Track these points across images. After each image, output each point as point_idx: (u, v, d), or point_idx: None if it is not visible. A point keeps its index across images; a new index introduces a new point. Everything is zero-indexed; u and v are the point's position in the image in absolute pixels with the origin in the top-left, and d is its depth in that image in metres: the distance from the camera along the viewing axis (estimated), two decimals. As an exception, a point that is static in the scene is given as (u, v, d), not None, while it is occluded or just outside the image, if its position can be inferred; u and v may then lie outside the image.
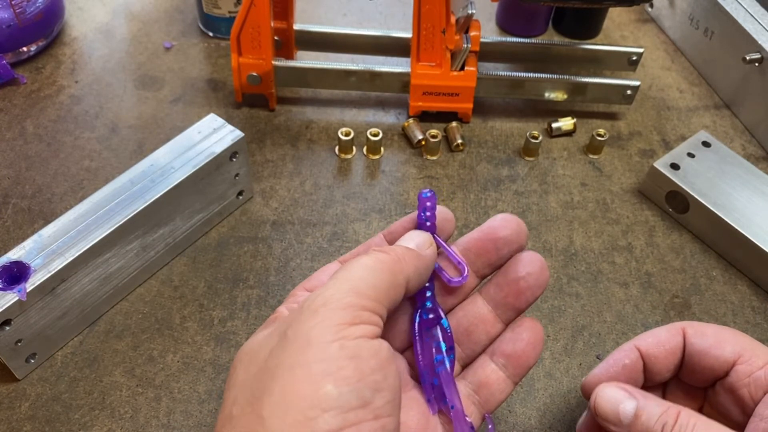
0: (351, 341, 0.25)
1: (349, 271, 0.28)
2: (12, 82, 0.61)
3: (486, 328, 0.34)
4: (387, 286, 0.28)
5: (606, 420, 0.31)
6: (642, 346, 0.35)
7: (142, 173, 0.46)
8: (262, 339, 0.28)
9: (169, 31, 0.67)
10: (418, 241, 0.32)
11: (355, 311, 0.26)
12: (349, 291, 0.27)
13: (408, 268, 0.30)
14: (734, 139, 0.61)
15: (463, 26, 0.55)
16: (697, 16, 0.65)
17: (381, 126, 0.59)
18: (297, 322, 0.26)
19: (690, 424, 0.29)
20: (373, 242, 0.35)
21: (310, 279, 0.34)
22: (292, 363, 0.25)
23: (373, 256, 0.29)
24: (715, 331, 0.34)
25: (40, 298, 0.41)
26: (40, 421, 0.41)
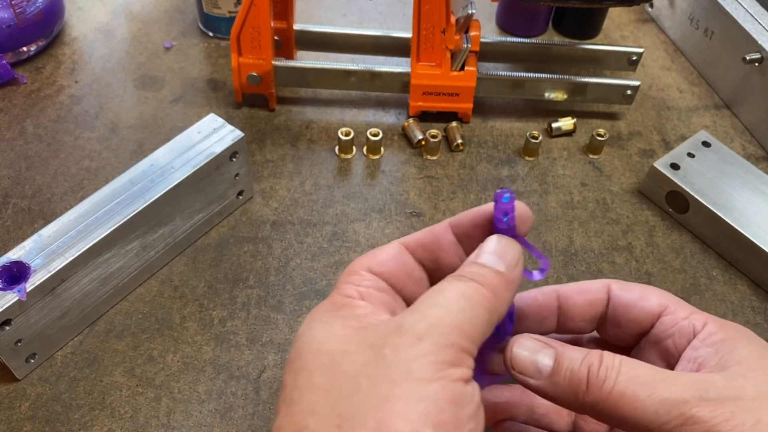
0: (452, 383, 0.25)
1: (448, 299, 0.27)
2: (12, 82, 0.61)
3: None
4: (484, 328, 0.27)
5: (524, 373, 0.29)
6: (561, 290, 0.33)
7: (142, 173, 0.46)
8: (344, 342, 0.26)
9: (169, 31, 0.67)
10: (508, 259, 0.29)
11: (456, 352, 0.25)
12: (454, 327, 0.25)
13: (501, 305, 0.29)
14: (734, 139, 0.61)
15: (463, 26, 0.55)
16: (697, 16, 0.65)
17: (381, 126, 0.59)
18: (397, 344, 0.25)
19: (616, 364, 0.28)
20: (437, 230, 0.32)
21: (374, 257, 0.31)
22: (390, 394, 0.24)
23: (474, 289, 0.27)
24: (640, 286, 0.33)
25: (40, 298, 0.41)
26: (40, 421, 0.41)
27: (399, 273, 0.31)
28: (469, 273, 0.28)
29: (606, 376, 0.27)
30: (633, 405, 0.27)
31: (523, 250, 0.31)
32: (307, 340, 0.27)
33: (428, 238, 0.32)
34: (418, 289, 0.32)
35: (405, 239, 0.32)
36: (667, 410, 0.26)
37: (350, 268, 0.31)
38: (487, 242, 0.30)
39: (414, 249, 0.32)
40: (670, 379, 0.27)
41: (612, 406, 0.27)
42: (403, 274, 0.31)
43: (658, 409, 0.26)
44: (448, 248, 0.32)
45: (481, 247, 0.30)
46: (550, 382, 0.29)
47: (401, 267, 0.31)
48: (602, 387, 0.27)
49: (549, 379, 0.29)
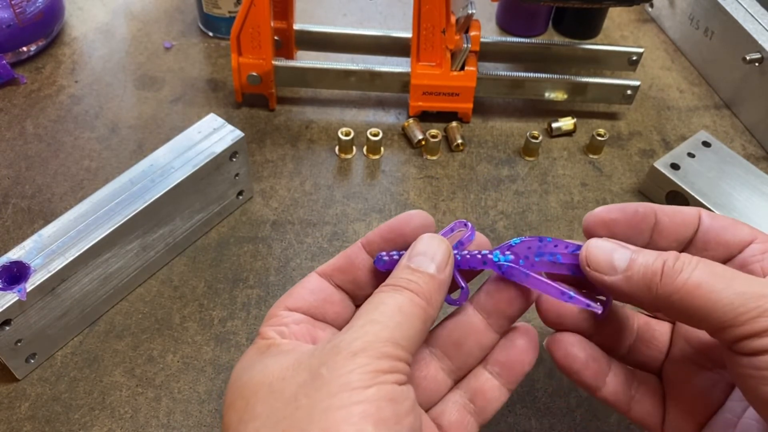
0: (387, 385, 0.26)
1: (384, 315, 0.28)
2: (12, 82, 0.61)
3: (478, 339, 0.33)
4: (418, 336, 0.28)
5: (598, 269, 0.30)
6: (658, 207, 0.33)
7: (142, 173, 0.46)
8: (279, 371, 0.27)
9: (169, 31, 0.67)
10: (438, 260, 0.30)
11: (391, 361, 0.26)
12: (388, 340, 0.27)
13: (435, 310, 0.30)
14: (734, 139, 0.61)
15: (463, 26, 0.55)
16: (698, 16, 0.65)
17: (381, 126, 0.59)
18: (333, 362, 0.26)
19: (693, 260, 0.28)
20: (350, 252, 0.34)
21: (290, 295, 0.33)
22: (330, 404, 0.25)
23: (409, 300, 0.28)
24: (730, 219, 0.33)
25: (40, 298, 0.41)
26: (40, 421, 0.41)
27: (316, 302, 0.33)
28: (404, 282, 0.29)
29: (682, 268, 0.28)
30: (707, 296, 0.27)
31: None
32: (245, 380, 0.28)
33: (342, 262, 0.34)
34: (341, 310, 0.33)
35: (321, 268, 0.34)
36: (743, 302, 0.26)
37: (269, 313, 0.32)
38: (418, 242, 0.31)
39: (331, 274, 0.33)
40: (748, 277, 0.27)
41: (686, 297, 0.27)
42: (321, 302, 0.33)
43: (733, 301, 0.26)
44: (363, 266, 0.33)
45: (412, 248, 0.31)
46: (625, 278, 0.29)
47: (318, 296, 0.33)
48: (677, 278, 0.27)
49: (624, 274, 0.29)
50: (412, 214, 0.33)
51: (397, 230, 0.33)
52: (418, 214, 0.33)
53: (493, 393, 0.33)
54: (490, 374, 0.33)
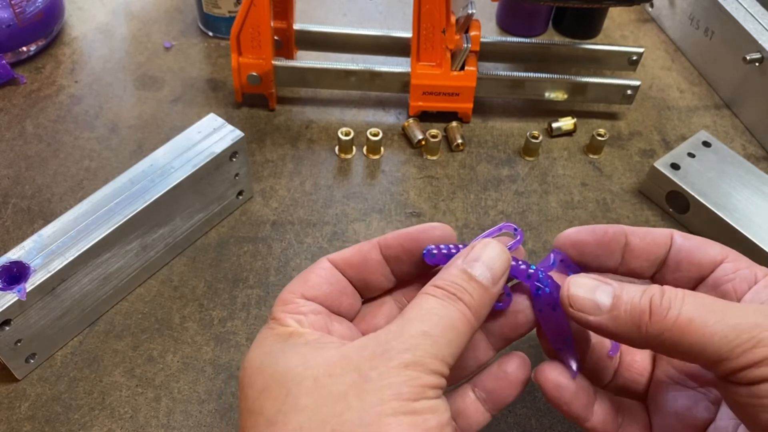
0: (432, 400, 0.27)
1: (437, 328, 0.28)
2: (12, 81, 0.61)
3: (476, 355, 0.34)
4: (462, 351, 0.28)
5: (582, 310, 0.29)
6: (628, 228, 0.33)
7: (142, 173, 0.46)
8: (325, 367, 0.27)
9: (168, 31, 0.67)
10: (495, 271, 0.30)
11: (436, 378, 0.27)
12: (436, 357, 0.27)
13: (480, 324, 0.30)
14: (734, 139, 0.61)
15: (463, 26, 0.55)
16: (698, 16, 0.65)
17: (381, 126, 0.59)
18: (385, 368, 0.26)
19: (679, 295, 0.27)
20: (365, 249, 0.33)
21: (306, 282, 0.32)
22: (382, 411, 0.25)
23: (461, 315, 0.28)
24: (701, 238, 0.33)
25: (39, 298, 0.40)
26: (39, 421, 0.41)
27: (332, 293, 0.32)
28: (457, 289, 0.29)
29: (670, 305, 0.27)
30: (700, 331, 0.26)
31: None
32: (280, 369, 0.28)
33: (356, 258, 0.33)
34: (354, 302, 0.33)
35: (334, 256, 0.33)
36: (738, 334, 0.26)
37: (284, 297, 0.31)
38: (478, 246, 0.31)
39: (343, 267, 0.33)
40: (737, 307, 0.27)
41: (678, 335, 0.26)
42: (336, 294, 0.32)
43: (727, 334, 0.26)
44: (375, 269, 0.33)
45: (470, 249, 0.31)
46: (611, 317, 0.28)
47: (334, 287, 0.32)
48: (667, 315, 0.27)
49: (609, 313, 0.28)
50: (435, 227, 0.33)
51: (418, 241, 0.33)
52: (440, 227, 0.33)
53: (477, 417, 0.33)
54: (476, 397, 0.33)
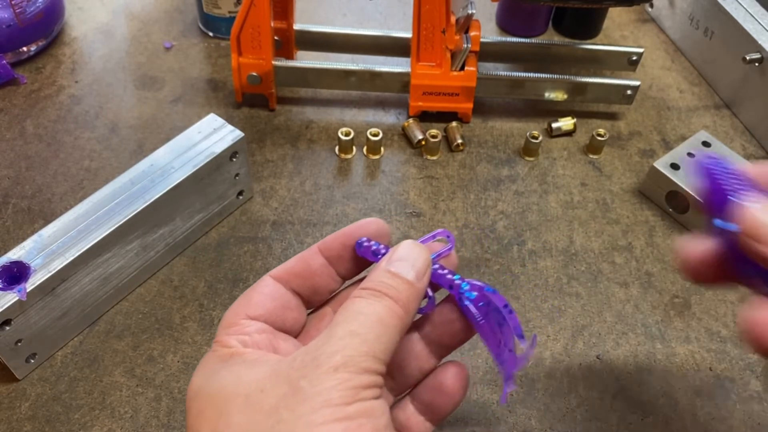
0: (367, 402, 0.26)
1: (364, 326, 0.27)
2: (12, 82, 0.61)
3: (419, 364, 0.34)
4: (395, 347, 0.28)
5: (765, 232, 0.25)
6: None
7: (142, 173, 0.46)
8: (256, 382, 0.27)
9: (169, 31, 0.67)
10: (419, 267, 0.30)
11: (370, 376, 0.27)
12: (368, 354, 0.27)
13: (411, 318, 0.30)
14: (734, 139, 0.61)
15: (463, 26, 0.55)
16: (697, 16, 0.65)
17: (381, 126, 0.59)
18: (314, 376, 0.26)
19: None
20: (307, 256, 0.33)
21: (249, 301, 0.32)
22: (312, 420, 0.25)
23: (388, 310, 0.28)
24: None
25: (40, 298, 0.41)
26: (40, 421, 0.41)
27: (276, 310, 0.32)
28: (383, 286, 0.29)
29: None
30: None
31: None
32: (215, 389, 0.28)
33: (300, 266, 0.33)
34: (298, 316, 0.33)
35: (276, 271, 0.33)
36: None
37: (228, 319, 0.31)
38: (399, 247, 0.31)
39: (287, 279, 0.33)
40: None
41: None
42: (280, 309, 0.32)
43: None
44: (321, 272, 0.33)
45: (392, 252, 0.31)
46: None
47: (278, 303, 0.32)
48: None
49: None
50: (370, 221, 0.33)
51: (356, 236, 0.33)
52: (374, 222, 0.33)
53: (419, 428, 0.33)
54: (416, 409, 0.33)
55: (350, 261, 0.34)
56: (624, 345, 0.46)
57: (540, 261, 0.51)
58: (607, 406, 0.43)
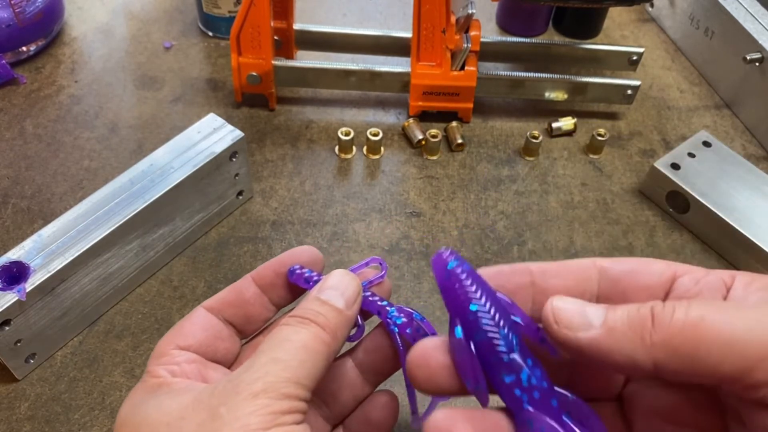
0: (287, 427, 0.26)
1: (288, 353, 0.27)
2: (12, 81, 0.61)
3: (353, 392, 0.34)
4: (321, 373, 0.28)
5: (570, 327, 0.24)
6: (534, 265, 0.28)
7: (142, 173, 0.46)
8: (177, 410, 0.27)
9: (168, 31, 0.67)
10: (348, 295, 0.30)
11: (291, 402, 0.26)
12: (289, 380, 0.26)
13: (338, 346, 0.29)
14: (735, 139, 0.61)
15: (463, 26, 0.55)
16: (698, 16, 0.65)
17: (381, 126, 0.59)
18: (233, 403, 0.26)
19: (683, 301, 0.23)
20: (240, 286, 0.34)
21: (179, 332, 0.32)
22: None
23: (314, 336, 0.28)
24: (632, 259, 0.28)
25: (39, 298, 0.40)
26: (39, 422, 0.41)
27: (207, 339, 0.32)
28: (311, 313, 0.29)
29: (674, 308, 0.23)
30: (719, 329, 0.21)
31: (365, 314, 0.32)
32: (139, 419, 0.28)
33: (231, 296, 0.33)
34: (230, 346, 0.33)
35: (209, 302, 0.33)
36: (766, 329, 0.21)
37: (158, 350, 0.31)
38: (330, 277, 0.31)
39: (220, 309, 0.33)
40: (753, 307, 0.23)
41: (691, 339, 0.22)
42: (211, 339, 0.32)
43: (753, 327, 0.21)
44: (254, 300, 0.33)
45: (324, 281, 0.31)
46: (606, 330, 0.23)
47: (208, 332, 0.32)
48: (673, 317, 0.22)
49: (604, 326, 0.24)
50: (303, 250, 0.34)
51: (288, 264, 0.33)
52: (307, 250, 0.34)
53: None
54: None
55: (283, 289, 0.34)
56: (624, 345, 0.46)
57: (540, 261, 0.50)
58: (608, 407, 0.43)
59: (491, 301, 0.26)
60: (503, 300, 0.26)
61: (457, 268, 0.26)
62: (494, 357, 0.25)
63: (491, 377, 0.26)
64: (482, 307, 0.25)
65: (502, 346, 0.25)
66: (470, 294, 0.26)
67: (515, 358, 0.25)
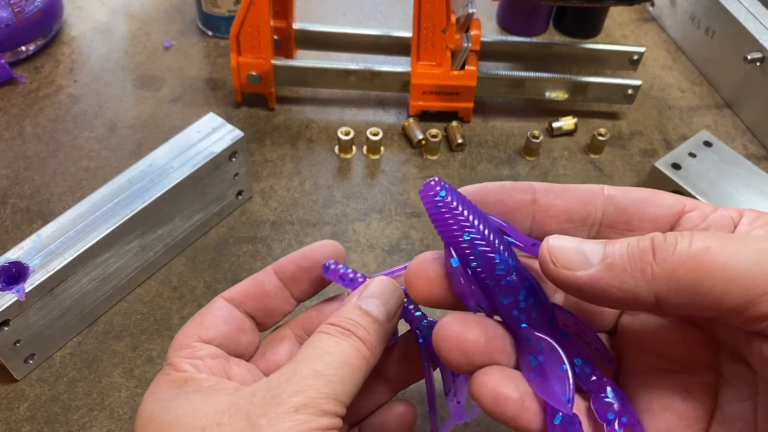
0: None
1: (329, 367, 0.27)
2: (11, 81, 0.61)
3: (375, 399, 0.33)
4: (358, 389, 0.28)
5: (567, 266, 0.23)
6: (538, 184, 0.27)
7: (141, 173, 0.46)
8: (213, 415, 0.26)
9: (168, 31, 0.67)
10: (390, 306, 0.29)
11: (330, 418, 0.26)
12: (329, 397, 0.26)
13: (376, 359, 0.29)
14: (735, 139, 0.60)
15: (463, 25, 0.55)
16: (699, 16, 0.65)
17: (381, 126, 0.59)
18: (274, 415, 0.25)
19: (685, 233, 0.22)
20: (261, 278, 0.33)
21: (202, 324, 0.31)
22: None
23: (355, 352, 0.27)
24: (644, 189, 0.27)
25: (38, 299, 0.40)
26: (38, 422, 0.41)
27: (230, 333, 0.32)
28: (351, 324, 0.28)
29: (676, 240, 0.22)
30: (723, 260, 0.21)
31: None
32: (169, 418, 0.27)
33: (253, 289, 0.33)
34: (252, 339, 0.33)
35: (229, 293, 0.33)
36: None
37: (180, 341, 0.31)
38: (372, 283, 0.30)
39: (240, 301, 0.33)
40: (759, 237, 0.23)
41: (694, 270, 0.21)
42: (234, 332, 0.32)
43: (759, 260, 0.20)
44: (275, 294, 0.33)
45: (365, 287, 0.30)
46: (605, 266, 0.23)
47: (231, 325, 0.32)
48: (675, 249, 0.22)
49: (603, 263, 0.23)
50: (325, 244, 0.33)
51: (311, 258, 0.33)
52: (330, 244, 0.33)
53: None
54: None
55: (306, 283, 0.33)
56: (625, 345, 0.46)
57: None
58: (608, 407, 0.43)
59: (484, 225, 0.26)
60: (496, 222, 0.27)
61: (447, 197, 0.26)
62: (491, 281, 0.26)
63: (490, 299, 0.26)
64: (475, 234, 0.25)
65: (498, 270, 0.25)
66: (462, 222, 0.26)
67: (512, 280, 0.26)
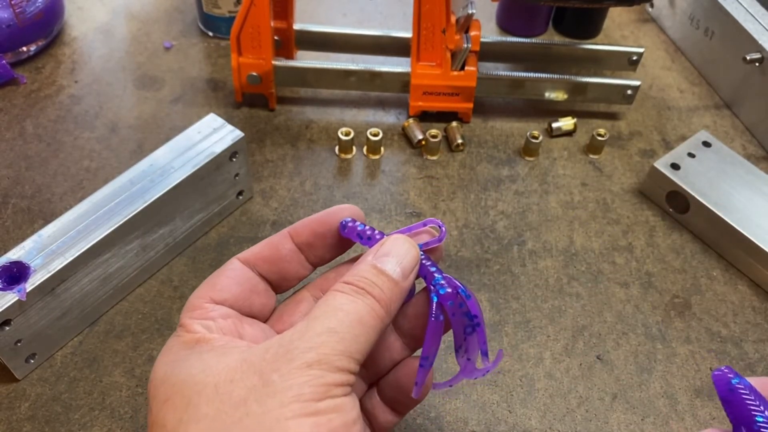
0: (337, 398, 0.26)
1: (343, 324, 0.27)
2: (12, 82, 0.61)
3: (392, 355, 0.33)
4: (372, 347, 0.28)
5: None
6: None
7: (142, 173, 0.46)
8: (226, 372, 0.26)
9: (168, 31, 0.67)
10: (405, 265, 0.30)
11: (343, 375, 0.26)
12: (343, 354, 0.26)
13: (391, 318, 0.29)
14: (735, 139, 0.61)
15: (463, 26, 0.55)
16: (698, 16, 0.65)
17: (381, 126, 0.59)
18: (287, 370, 0.25)
19: None
20: (276, 241, 0.33)
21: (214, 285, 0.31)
22: (282, 414, 0.25)
23: (369, 310, 0.28)
24: None
25: (39, 299, 0.40)
26: (39, 422, 0.41)
27: (243, 293, 0.31)
28: (366, 284, 0.28)
29: None
30: None
31: None
32: (182, 377, 0.27)
33: (268, 251, 0.32)
34: (267, 301, 0.33)
35: (244, 254, 0.32)
36: None
37: (192, 303, 0.31)
38: (387, 241, 0.30)
39: (255, 263, 0.32)
40: None
41: None
42: (247, 294, 0.32)
43: None
44: (290, 258, 0.33)
45: (380, 245, 0.30)
46: None
47: (244, 287, 0.32)
48: None
49: None
50: (343, 208, 0.33)
51: (328, 224, 0.32)
52: (348, 208, 0.33)
53: (386, 417, 0.33)
54: (381, 401, 0.33)
55: (321, 248, 0.33)
56: (624, 345, 0.46)
57: (540, 261, 0.51)
58: (607, 406, 0.43)
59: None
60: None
61: (739, 384, 0.29)
62: None
63: None
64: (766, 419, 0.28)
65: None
66: (753, 407, 0.28)
67: None
